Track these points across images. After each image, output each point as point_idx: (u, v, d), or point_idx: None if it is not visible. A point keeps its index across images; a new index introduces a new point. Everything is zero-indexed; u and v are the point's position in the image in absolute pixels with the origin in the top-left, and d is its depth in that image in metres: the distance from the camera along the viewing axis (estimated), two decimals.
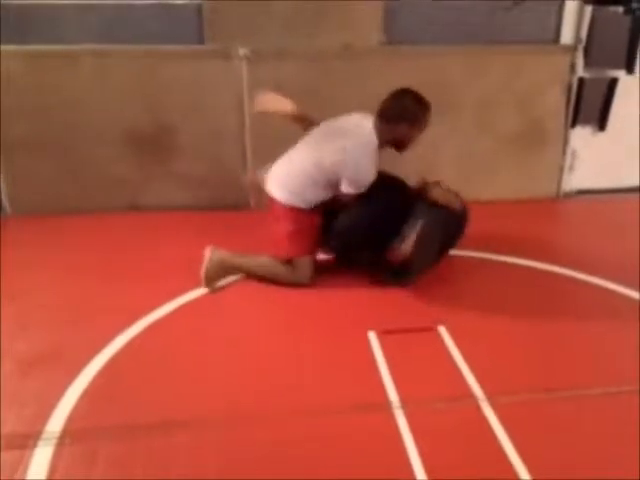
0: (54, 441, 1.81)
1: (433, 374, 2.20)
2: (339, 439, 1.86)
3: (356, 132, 2.68)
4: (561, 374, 2.21)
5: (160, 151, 3.72)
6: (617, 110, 4.05)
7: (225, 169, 3.79)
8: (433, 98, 2.63)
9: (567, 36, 3.90)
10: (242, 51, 3.50)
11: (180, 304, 2.64)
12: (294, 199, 2.76)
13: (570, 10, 3.85)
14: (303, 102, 2.89)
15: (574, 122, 4.05)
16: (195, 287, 2.76)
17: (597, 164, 4.19)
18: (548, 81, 3.94)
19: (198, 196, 3.81)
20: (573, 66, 3.91)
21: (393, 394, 2.05)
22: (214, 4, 3.48)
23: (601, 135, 4.13)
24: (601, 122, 4.10)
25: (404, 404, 2.00)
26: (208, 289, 2.75)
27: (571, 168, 4.15)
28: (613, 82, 3.98)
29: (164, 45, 3.53)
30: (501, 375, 2.19)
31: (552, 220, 3.97)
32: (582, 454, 1.82)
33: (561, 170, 4.14)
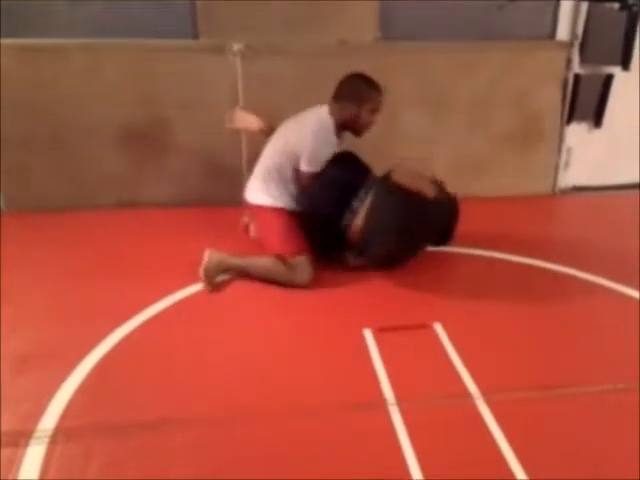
0: (47, 439, 1.79)
1: (428, 371, 2.19)
2: (335, 438, 1.85)
3: (313, 116, 2.86)
4: (557, 371, 2.21)
5: (155, 147, 3.70)
6: (613, 107, 4.05)
7: (221, 165, 3.77)
8: (429, 95, 2.63)
9: (563, 32, 3.90)
10: (236, 46, 3.48)
11: (176, 301, 2.63)
12: (274, 201, 2.89)
13: (566, 6, 3.84)
14: (297, 97, 2.88)
15: (570, 119, 4.05)
16: (191, 284, 2.74)
17: (593, 161, 4.19)
18: (544, 78, 3.94)
19: (194, 192, 3.79)
20: (569, 62, 3.91)
21: (389, 392, 2.04)
22: (207, 2, 3.45)
23: (597, 132, 4.14)
24: (597, 119, 4.10)
25: (400, 402, 1.99)
26: (207, 289, 2.74)
27: (567, 165, 4.15)
28: (609, 78, 3.99)
29: (158, 39, 3.50)
30: (496, 372, 2.18)
31: (548, 217, 3.97)
32: (578, 452, 1.82)
33: (557, 167, 4.14)
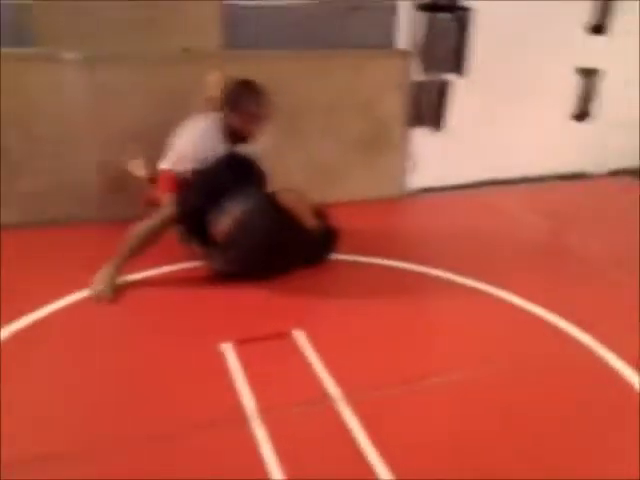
0: None
1: (290, 380, 2.15)
2: (195, 460, 1.75)
3: (201, 119, 2.95)
4: (417, 365, 2.26)
5: None
6: (451, 111, 4.28)
7: (70, 182, 3.50)
8: (278, 103, 2.64)
9: (403, 41, 4.05)
10: (71, 55, 3.26)
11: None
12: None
13: (404, 16, 4.01)
14: (142, 107, 2.76)
15: (413, 124, 4.22)
16: (29, 311, 2.51)
17: (437, 163, 4.40)
18: (387, 85, 4.07)
19: (37, 212, 3.49)
20: (408, 70, 4.07)
21: (251, 405, 1.97)
22: (36, 4, 3.20)
23: (439, 135, 4.35)
24: (438, 123, 4.31)
25: (261, 414, 1.93)
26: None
27: (414, 167, 4.32)
28: (446, 84, 4.21)
29: None
30: (358, 373, 2.18)
31: (398, 218, 4.10)
32: (438, 443, 1.86)
33: (404, 170, 4.30)
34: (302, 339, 2.38)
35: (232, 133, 2.91)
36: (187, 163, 2.87)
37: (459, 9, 4.06)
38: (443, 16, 4.09)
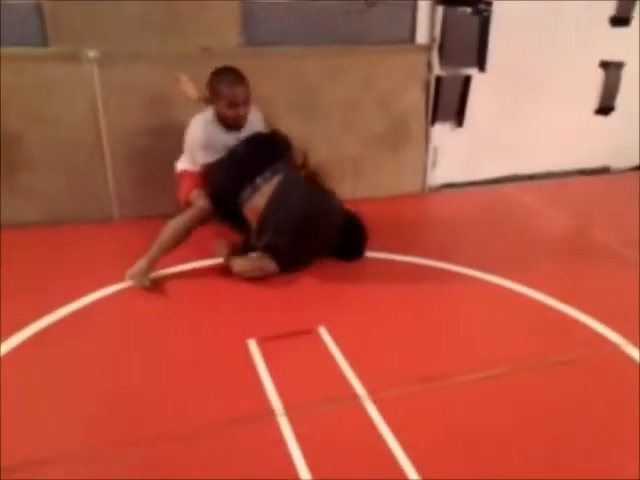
0: None
1: (315, 377, 2.13)
2: (223, 456, 1.74)
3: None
4: (440, 363, 2.23)
5: (3, 163, 3.36)
6: (472, 106, 4.23)
7: (82, 181, 3.51)
8: (299, 99, 2.61)
9: (422, 36, 4.01)
10: (92, 53, 3.26)
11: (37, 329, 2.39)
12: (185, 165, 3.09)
13: (424, 11, 3.96)
14: (161, 105, 2.75)
15: (434, 119, 4.18)
16: (49, 310, 2.51)
17: (458, 158, 4.35)
18: (406, 80, 4.03)
19: (53, 211, 3.50)
20: (429, 65, 4.03)
21: (277, 402, 1.95)
22: (55, 4, 3.20)
23: (460, 131, 4.30)
24: (458, 118, 4.27)
25: (287, 411, 1.91)
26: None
27: (434, 163, 4.28)
28: (467, 79, 4.16)
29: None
30: (382, 371, 2.16)
31: (420, 215, 4.05)
32: (459, 441, 1.82)
33: (425, 166, 4.26)
34: (327, 336, 2.36)
35: (225, 121, 2.92)
36: (201, 159, 2.91)
37: (480, 3, 4.01)
38: (463, 10, 4.04)
